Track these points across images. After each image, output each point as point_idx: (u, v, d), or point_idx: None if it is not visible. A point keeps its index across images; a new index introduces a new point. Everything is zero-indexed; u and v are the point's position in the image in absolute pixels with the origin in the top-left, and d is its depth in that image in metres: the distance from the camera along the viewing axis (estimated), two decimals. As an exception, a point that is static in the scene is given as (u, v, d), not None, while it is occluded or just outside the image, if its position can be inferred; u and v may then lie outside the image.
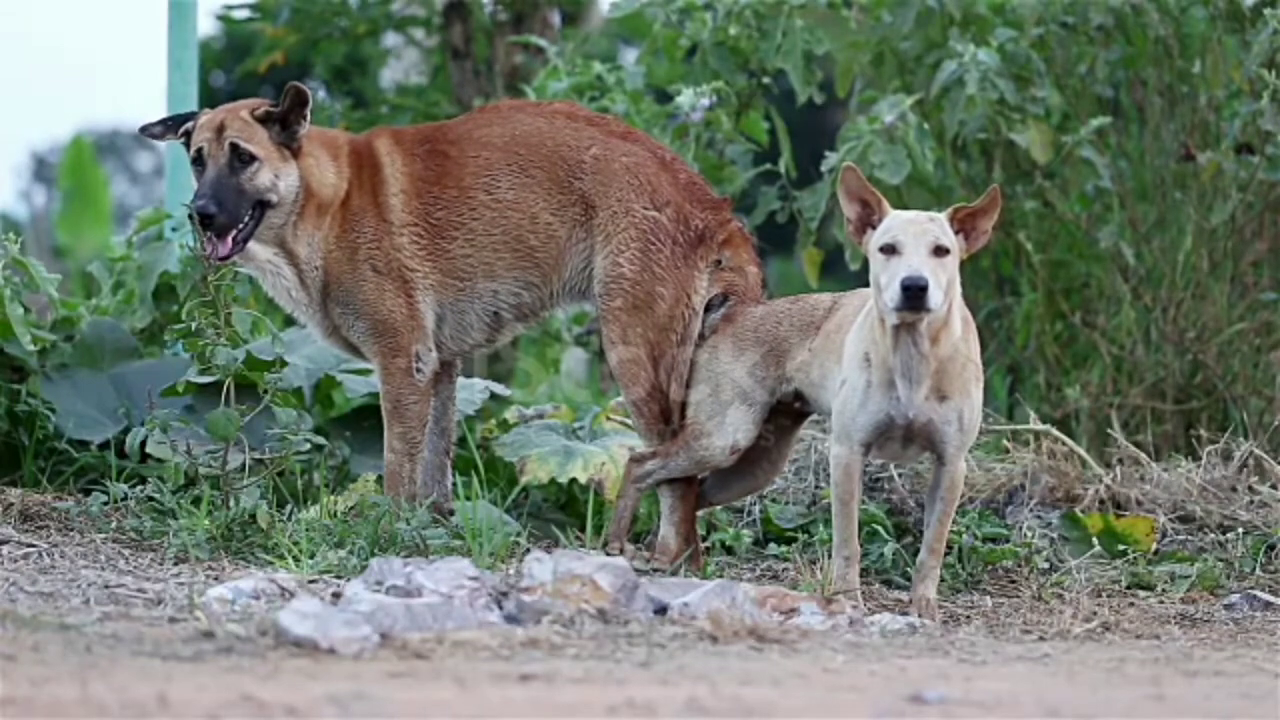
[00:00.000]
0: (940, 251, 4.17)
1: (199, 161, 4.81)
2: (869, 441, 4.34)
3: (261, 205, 4.79)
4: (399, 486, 4.86)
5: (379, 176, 4.91)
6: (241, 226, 4.76)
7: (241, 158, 4.79)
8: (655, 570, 4.58)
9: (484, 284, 4.89)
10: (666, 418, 4.76)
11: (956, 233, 4.22)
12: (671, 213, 4.80)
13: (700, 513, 4.90)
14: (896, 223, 4.22)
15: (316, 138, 4.93)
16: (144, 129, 4.94)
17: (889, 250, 4.18)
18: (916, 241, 4.16)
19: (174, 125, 4.92)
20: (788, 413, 4.73)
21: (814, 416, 4.88)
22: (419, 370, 4.88)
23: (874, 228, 4.27)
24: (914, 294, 4.09)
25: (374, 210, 4.89)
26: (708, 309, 4.79)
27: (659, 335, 4.77)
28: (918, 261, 4.13)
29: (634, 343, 4.78)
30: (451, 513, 4.91)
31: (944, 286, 4.15)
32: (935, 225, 4.20)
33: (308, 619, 3.45)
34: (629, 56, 11.27)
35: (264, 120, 4.83)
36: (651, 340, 4.77)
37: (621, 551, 4.65)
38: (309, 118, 4.85)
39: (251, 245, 4.81)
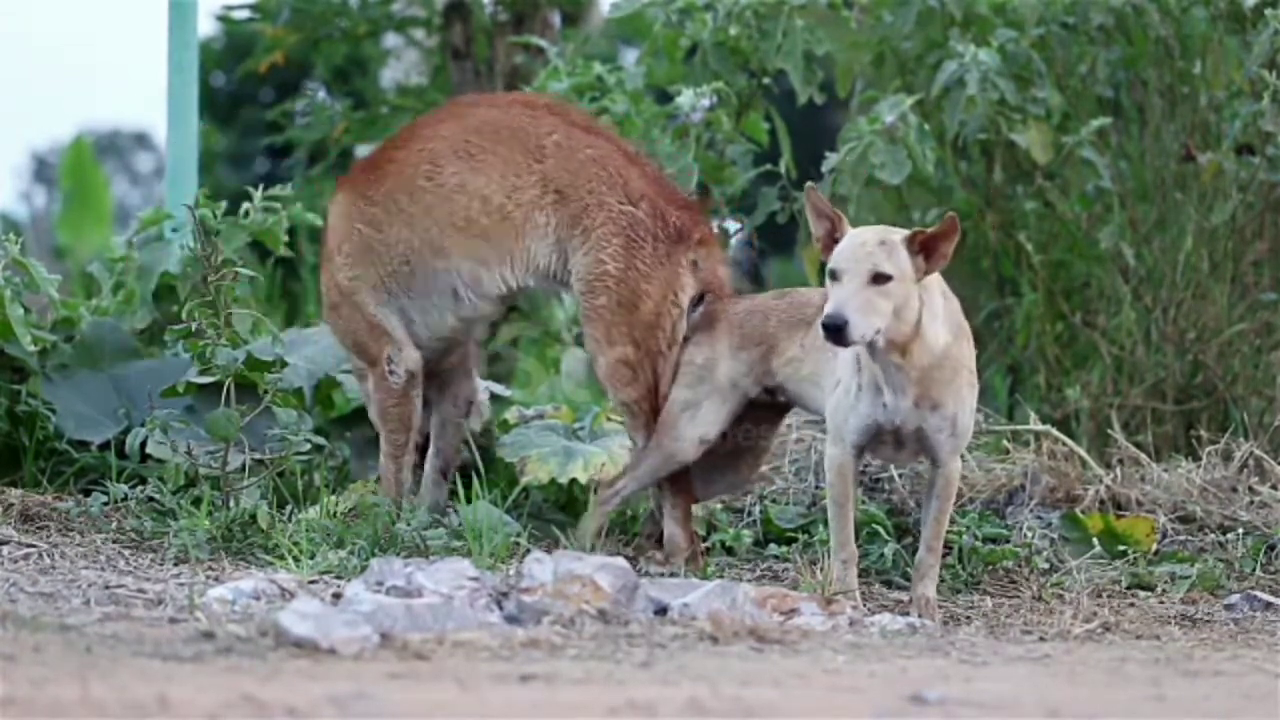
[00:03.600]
0: (879, 279, 4.14)
1: None
2: (861, 444, 4.35)
3: None
4: (388, 490, 4.91)
5: (328, 227, 5.06)
6: None
7: None
8: (672, 574, 4.57)
9: (435, 262, 4.89)
10: (658, 416, 4.75)
11: (917, 253, 4.19)
12: (648, 207, 4.78)
13: (698, 511, 4.91)
14: (844, 247, 4.19)
15: None
16: None
17: (832, 276, 4.17)
18: (854, 270, 4.13)
19: None
20: (771, 406, 4.73)
21: (813, 416, 4.88)
22: (392, 373, 4.92)
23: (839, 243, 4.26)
24: (831, 331, 4.09)
25: (326, 261, 5.05)
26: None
27: (645, 333, 4.75)
28: (844, 296, 4.10)
29: (620, 342, 4.76)
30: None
31: (881, 313, 4.11)
32: (881, 250, 4.15)
33: (308, 619, 3.45)
34: (629, 57, 11.26)
35: None
36: (638, 339, 4.75)
37: None
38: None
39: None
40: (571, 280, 4.81)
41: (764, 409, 4.74)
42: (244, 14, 8.91)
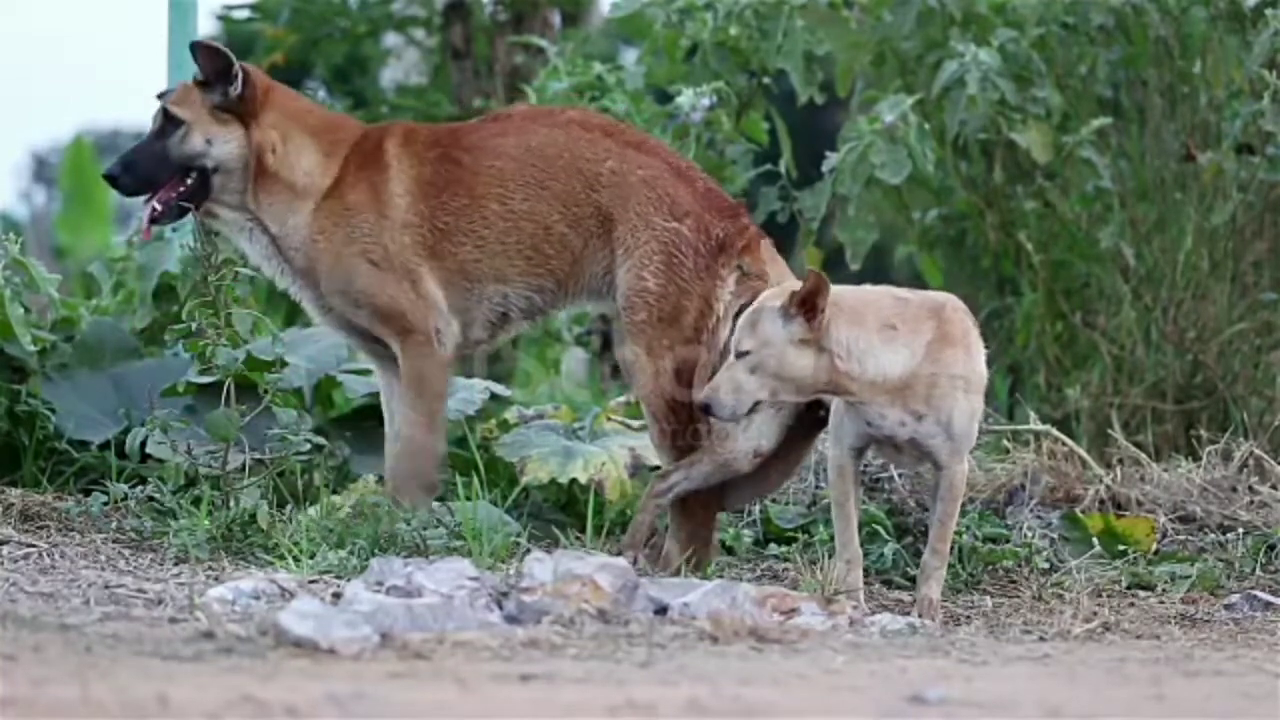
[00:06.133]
0: (741, 354, 4.20)
1: None
2: (857, 447, 4.35)
3: (200, 172, 4.79)
4: (419, 458, 4.81)
5: (385, 175, 4.86)
6: (170, 191, 4.77)
7: (172, 121, 4.82)
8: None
9: (494, 287, 4.87)
10: (687, 433, 4.74)
11: (794, 316, 4.16)
12: (692, 223, 4.75)
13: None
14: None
15: (307, 120, 4.90)
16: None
17: None
18: (733, 348, 4.27)
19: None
20: (805, 421, 4.72)
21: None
22: (440, 344, 4.84)
23: None
24: (704, 411, 4.30)
25: (374, 206, 4.84)
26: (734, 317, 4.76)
27: (686, 348, 4.74)
28: (719, 376, 4.25)
29: (659, 355, 4.74)
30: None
31: (746, 389, 4.18)
32: (744, 327, 4.23)
33: (308, 619, 3.45)
34: (629, 57, 11.27)
35: (204, 85, 4.82)
36: (678, 353, 4.75)
37: (635, 563, 4.62)
38: (238, 80, 4.80)
39: (215, 208, 4.82)
40: (615, 295, 4.81)
41: (798, 422, 4.72)
42: (244, 14, 8.93)
